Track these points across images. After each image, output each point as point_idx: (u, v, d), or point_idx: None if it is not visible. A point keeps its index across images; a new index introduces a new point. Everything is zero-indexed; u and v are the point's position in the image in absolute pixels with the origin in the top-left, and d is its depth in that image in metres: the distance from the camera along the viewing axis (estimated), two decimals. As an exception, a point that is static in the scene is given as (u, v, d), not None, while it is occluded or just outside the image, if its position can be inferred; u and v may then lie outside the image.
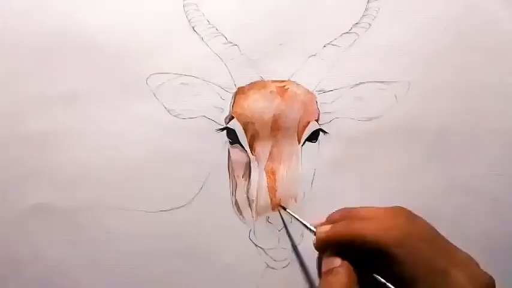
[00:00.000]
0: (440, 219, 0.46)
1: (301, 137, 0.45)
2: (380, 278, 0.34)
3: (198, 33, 0.45)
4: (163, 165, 0.44)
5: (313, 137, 0.45)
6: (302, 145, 0.45)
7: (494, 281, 0.35)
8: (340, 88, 0.46)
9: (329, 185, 0.46)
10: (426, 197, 0.46)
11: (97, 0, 0.45)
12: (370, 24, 0.46)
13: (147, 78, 0.44)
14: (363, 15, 0.46)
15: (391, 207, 0.38)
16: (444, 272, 0.33)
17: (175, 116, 0.45)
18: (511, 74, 0.47)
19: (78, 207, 0.44)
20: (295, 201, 0.45)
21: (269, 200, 0.44)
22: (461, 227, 0.46)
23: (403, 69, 0.46)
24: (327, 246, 0.37)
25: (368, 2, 0.46)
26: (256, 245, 0.45)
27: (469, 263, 0.35)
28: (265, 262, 0.45)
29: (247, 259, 0.45)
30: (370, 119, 0.46)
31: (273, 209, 0.44)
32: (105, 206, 0.44)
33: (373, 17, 0.46)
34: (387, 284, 0.34)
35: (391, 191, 0.46)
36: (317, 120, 0.45)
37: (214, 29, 0.45)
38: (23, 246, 0.44)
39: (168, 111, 0.45)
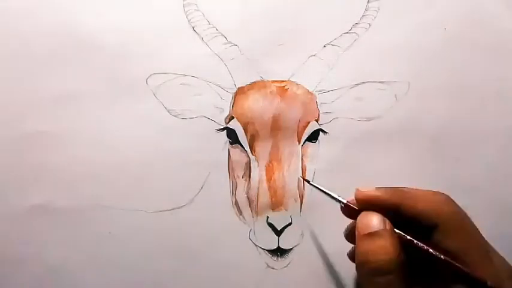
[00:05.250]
0: (440, 219, 0.46)
1: (301, 137, 0.45)
2: (429, 249, 0.32)
3: (198, 33, 0.45)
4: (163, 165, 0.44)
5: (313, 137, 0.45)
6: (302, 145, 0.45)
7: None
8: (340, 88, 0.46)
9: (329, 185, 0.45)
10: (426, 197, 0.46)
11: (97, 1, 0.45)
12: (370, 24, 0.46)
13: (147, 78, 0.44)
14: (363, 15, 0.46)
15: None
16: (487, 251, 0.33)
17: (175, 116, 0.45)
18: (511, 74, 0.47)
19: (78, 207, 0.44)
20: (295, 201, 0.45)
21: (269, 200, 0.44)
22: (461, 227, 0.46)
23: (403, 69, 0.46)
24: (364, 207, 0.34)
25: (368, 2, 0.46)
26: (256, 245, 0.45)
27: (504, 259, 0.35)
28: (265, 262, 0.45)
29: (247, 259, 0.45)
30: (370, 119, 0.46)
31: (273, 209, 0.44)
32: (105, 206, 0.44)
33: (373, 17, 0.46)
34: (433, 252, 0.31)
35: (391, 191, 0.46)
36: (317, 120, 0.45)
37: (214, 29, 0.45)
38: (23, 246, 0.44)
39: (168, 111, 0.45)
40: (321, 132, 0.46)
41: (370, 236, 0.32)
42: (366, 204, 0.34)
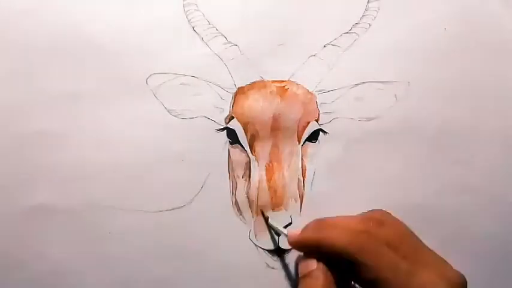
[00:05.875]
0: (440, 219, 0.46)
1: (301, 137, 0.45)
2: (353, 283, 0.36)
3: (198, 33, 0.45)
4: (164, 165, 0.44)
5: (313, 137, 0.45)
6: (302, 145, 0.45)
7: (466, 280, 0.36)
8: (340, 88, 0.46)
9: (329, 185, 0.46)
10: (426, 197, 0.46)
11: (97, 1, 0.45)
12: (370, 24, 0.46)
13: (147, 78, 0.44)
14: (363, 15, 0.46)
15: (366, 212, 0.39)
16: (408, 272, 0.34)
17: (175, 116, 0.45)
18: (511, 73, 0.47)
19: (78, 207, 0.44)
20: (295, 201, 0.45)
21: (269, 200, 0.44)
22: (461, 226, 0.46)
23: (403, 69, 0.46)
24: (300, 250, 0.39)
25: (368, 2, 0.46)
26: (256, 245, 0.45)
27: (439, 262, 0.36)
28: (265, 262, 0.45)
29: (247, 259, 0.45)
30: (370, 119, 0.46)
31: (273, 209, 0.44)
32: (105, 206, 0.44)
33: (373, 17, 0.46)
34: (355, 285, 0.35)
35: (391, 191, 0.46)
36: (317, 120, 0.45)
37: (214, 29, 0.45)
38: (23, 247, 0.44)
39: (168, 111, 0.45)
40: (321, 132, 0.46)
41: (304, 277, 0.37)
42: (298, 247, 0.39)
